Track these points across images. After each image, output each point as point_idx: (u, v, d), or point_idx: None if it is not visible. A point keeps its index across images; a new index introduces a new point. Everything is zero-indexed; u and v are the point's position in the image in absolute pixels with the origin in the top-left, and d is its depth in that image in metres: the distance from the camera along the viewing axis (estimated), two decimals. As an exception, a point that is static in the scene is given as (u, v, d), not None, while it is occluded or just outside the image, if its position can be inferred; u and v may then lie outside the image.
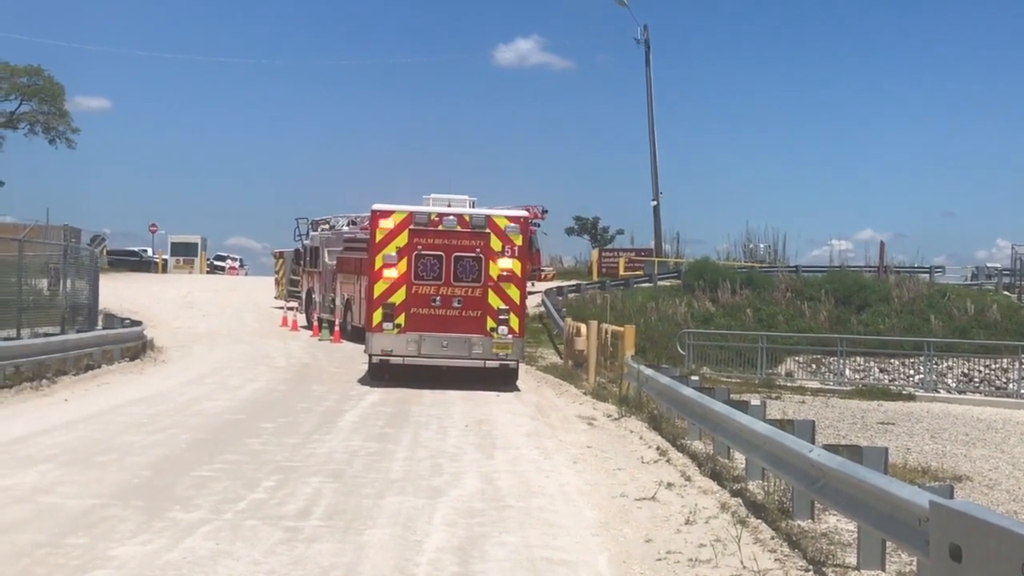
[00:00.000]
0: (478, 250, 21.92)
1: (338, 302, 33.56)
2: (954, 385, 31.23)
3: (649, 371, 18.32)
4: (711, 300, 42.81)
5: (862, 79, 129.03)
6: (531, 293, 36.46)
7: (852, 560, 8.48)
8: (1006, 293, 45.82)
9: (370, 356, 22.21)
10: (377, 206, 22.35)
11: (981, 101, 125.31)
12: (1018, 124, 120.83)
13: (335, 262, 34.20)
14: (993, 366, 32.42)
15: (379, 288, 21.89)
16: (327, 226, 37.97)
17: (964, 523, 5.28)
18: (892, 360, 33.54)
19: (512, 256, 22.00)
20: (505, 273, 21.91)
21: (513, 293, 22.00)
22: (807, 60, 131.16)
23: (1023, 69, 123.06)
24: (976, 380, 31.95)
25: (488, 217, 22.23)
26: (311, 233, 39.10)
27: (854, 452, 8.83)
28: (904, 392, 28.60)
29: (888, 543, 8.03)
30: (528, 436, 15.52)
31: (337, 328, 32.82)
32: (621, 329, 23.67)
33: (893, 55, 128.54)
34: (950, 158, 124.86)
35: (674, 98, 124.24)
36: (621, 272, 56.98)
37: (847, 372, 32.14)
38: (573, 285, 50.65)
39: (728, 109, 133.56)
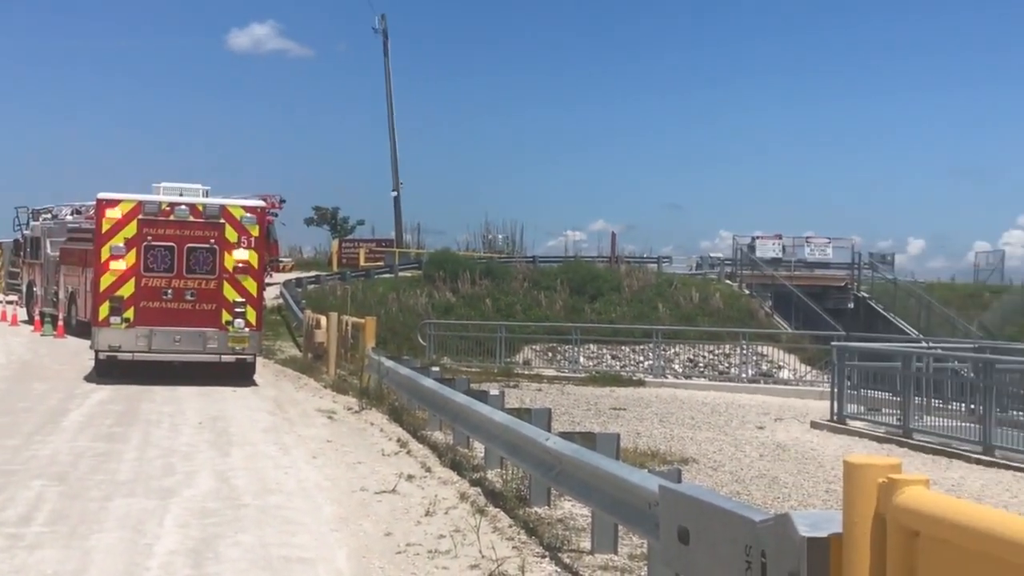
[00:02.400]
0: (212, 241, 21.28)
1: (62, 295, 31.97)
2: (681, 370, 32.63)
3: (390, 363, 18.27)
4: (452, 291, 43.20)
5: (592, 72, 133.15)
6: (269, 285, 35.76)
7: (587, 545, 8.69)
8: (728, 282, 48.20)
9: (96, 352, 21.19)
10: (103, 195, 21.34)
11: (704, 99, 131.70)
12: (737, 121, 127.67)
13: (58, 253, 32.58)
14: (716, 352, 34.07)
15: (106, 281, 20.91)
16: (49, 215, 36.18)
17: (691, 506, 5.47)
18: (623, 347, 34.74)
19: (248, 247, 21.47)
20: (241, 265, 21.36)
21: (250, 285, 21.47)
22: (542, 50, 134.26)
23: (739, 70, 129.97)
24: (701, 365, 33.50)
25: (223, 207, 21.61)
26: (32, 223, 37.17)
27: (588, 439, 9.04)
28: (635, 378, 29.64)
29: (621, 527, 8.27)
30: (266, 432, 15.20)
31: (61, 323, 31.22)
32: (362, 321, 23.53)
33: (621, 52, 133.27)
34: (676, 152, 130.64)
35: (415, 87, 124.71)
36: (362, 263, 56.71)
37: (581, 360, 33.07)
38: (313, 276, 50.07)
39: (468, 99, 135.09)
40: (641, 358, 33.22)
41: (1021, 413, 17.04)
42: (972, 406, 17.87)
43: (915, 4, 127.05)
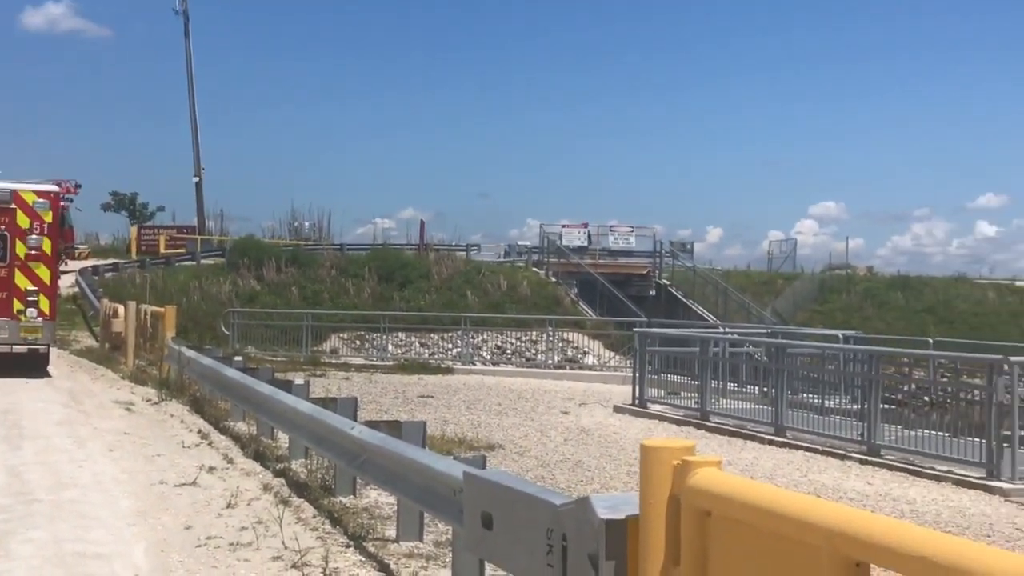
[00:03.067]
0: (3, 227, 20.34)
1: None
2: (489, 357, 32.90)
3: (191, 352, 17.80)
4: (256, 278, 42.45)
5: (399, 60, 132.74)
6: (64, 273, 34.41)
7: (392, 533, 8.66)
8: (535, 269, 48.85)
9: None
10: None
11: (511, 91, 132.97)
12: (545, 112, 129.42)
13: None
14: (524, 338, 34.49)
15: None
16: None
17: (495, 492, 5.50)
18: (432, 335, 34.79)
19: (41, 234, 20.58)
20: (34, 252, 20.46)
21: (43, 273, 20.59)
22: (351, 36, 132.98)
23: (543, 63, 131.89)
24: (509, 352, 33.85)
25: (14, 192, 20.63)
26: None
27: (394, 427, 9.00)
28: (443, 366, 29.75)
29: (427, 514, 8.26)
30: (60, 424, 14.60)
31: None
32: (161, 310, 22.86)
33: (427, 41, 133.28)
34: (485, 141, 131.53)
35: (219, 71, 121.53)
36: (162, 250, 55.15)
37: (390, 348, 32.97)
38: (110, 264, 48.42)
39: (275, 83, 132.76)
40: (449, 345, 33.32)
41: (810, 395, 17.84)
42: (765, 389, 18.59)
43: None
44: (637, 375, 20.70)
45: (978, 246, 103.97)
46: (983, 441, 12.80)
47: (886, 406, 15.90)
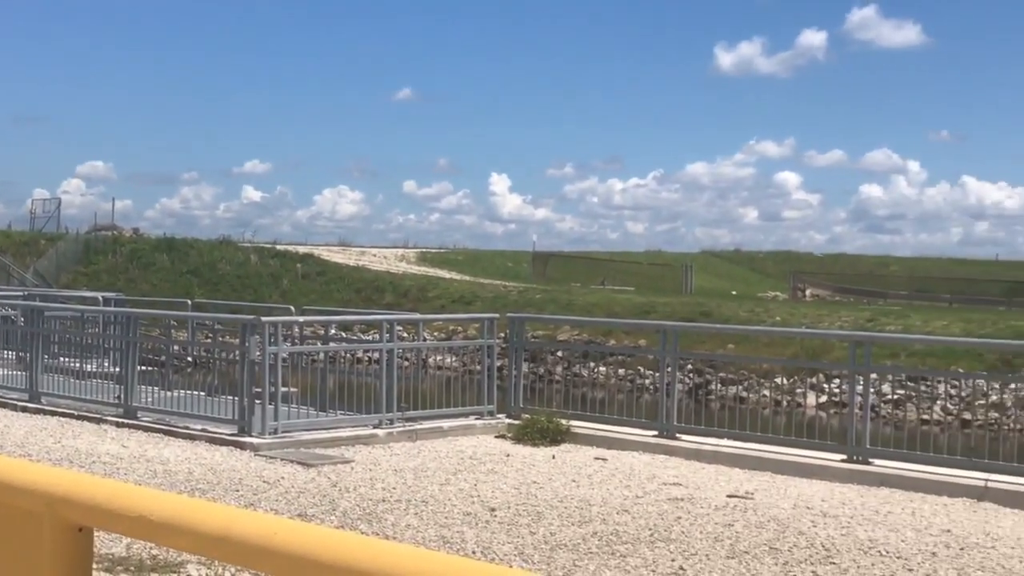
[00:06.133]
0: None
1: None
2: None
3: None
4: None
5: None
6: None
7: None
8: None
9: None
10: None
11: None
12: None
13: None
14: None
15: None
16: None
17: None
18: None
19: None
20: None
21: None
22: None
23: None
24: None
25: None
26: None
27: None
28: None
29: None
30: None
31: None
32: None
33: None
34: None
35: None
36: None
37: None
38: None
39: None
40: None
41: (72, 360, 17.30)
42: (23, 354, 17.73)
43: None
44: None
45: (244, 210, 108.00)
46: (236, 399, 13.32)
47: (147, 368, 15.95)
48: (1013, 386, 15.72)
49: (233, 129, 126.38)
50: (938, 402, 20.68)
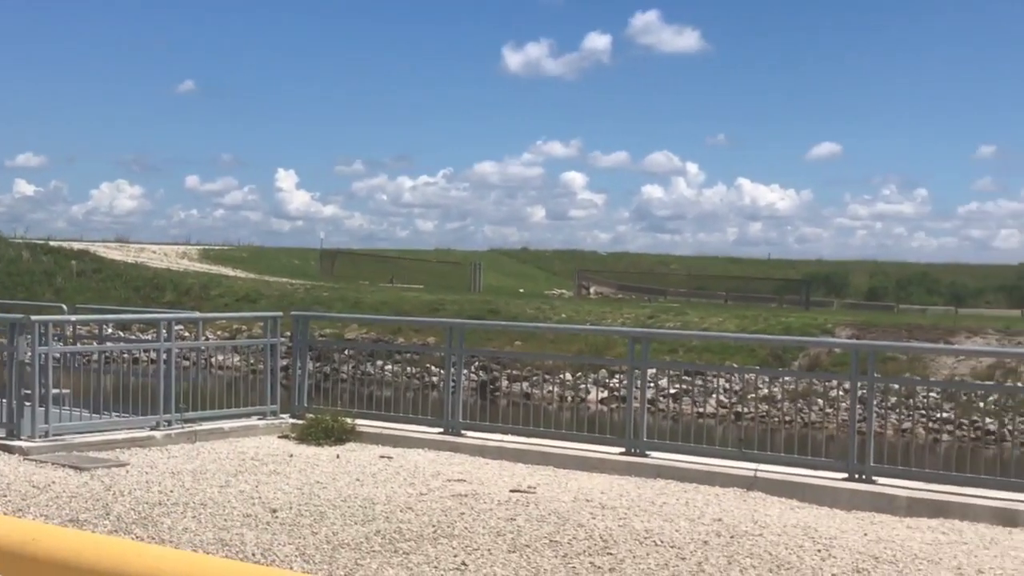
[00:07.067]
0: None
1: None
2: None
3: None
4: None
5: None
6: None
7: None
8: None
9: None
10: None
11: None
12: None
13: None
14: None
15: None
16: None
17: None
18: None
19: None
20: None
21: None
22: None
23: None
24: None
25: None
26: None
27: None
28: None
29: None
30: None
31: None
32: None
33: None
34: None
35: None
36: None
37: None
38: None
39: None
40: None
41: None
42: None
43: None
44: None
45: (17, 204, 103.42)
46: (4, 401, 12.71)
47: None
48: (782, 380, 16.48)
49: (3, 120, 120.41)
50: (713, 396, 21.56)
